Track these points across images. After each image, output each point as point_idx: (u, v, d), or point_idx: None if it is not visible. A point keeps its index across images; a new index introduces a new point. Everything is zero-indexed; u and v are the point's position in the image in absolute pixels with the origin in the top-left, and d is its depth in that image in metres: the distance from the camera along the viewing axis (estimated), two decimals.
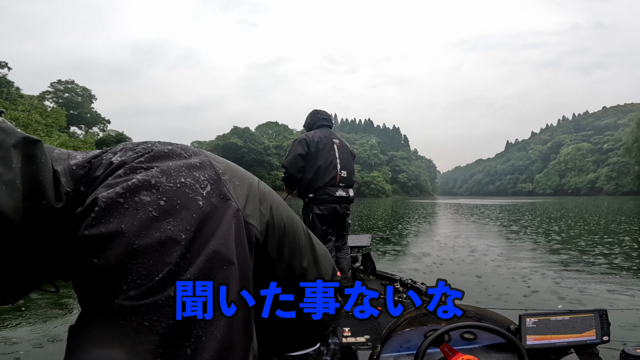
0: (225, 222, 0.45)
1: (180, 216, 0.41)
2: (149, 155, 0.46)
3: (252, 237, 0.51)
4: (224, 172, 0.51)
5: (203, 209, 0.43)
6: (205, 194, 0.44)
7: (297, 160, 3.02)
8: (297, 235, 0.67)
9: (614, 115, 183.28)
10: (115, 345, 0.35)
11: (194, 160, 0.48)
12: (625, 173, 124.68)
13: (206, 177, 0.47)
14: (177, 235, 0.40)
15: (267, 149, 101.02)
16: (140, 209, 0.39)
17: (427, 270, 6.24)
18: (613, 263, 6.56)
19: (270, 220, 0.57)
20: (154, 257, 0.38)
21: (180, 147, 0.50)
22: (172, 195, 0.42)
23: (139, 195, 0.40)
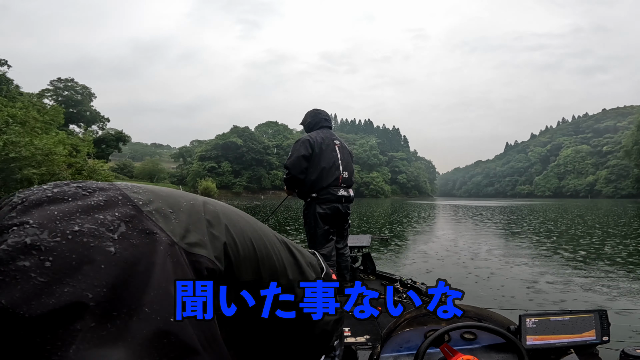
0: (157, 263, 0.38)
1: (82, 273, 0.34)
2: (22, 207, 0.37)
3: (202, 269, 0.44)
4: (148, 203, 0.44)
5: (117, 256, 0.36)
6: (118, 236, 0.37)
7: (300, 161, 3.02)
8: (271, 250, 0.59)
9: (614, 118, 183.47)
10: None
11: (95, 199, 0.40)
12: (625, 176, 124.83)
13: (117, 215, 0.39)
14: (81, 297, 0.32)
15: (266, 149, 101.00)
16: (19, 278, 0.32)
17: (427, 270, 6.23)
18: (613, 263, 6.57)
19: (229, 242, 0.50)
20: (56, 328, 0.31)
21: (76, 185, 0.42)
22: (63, 251, 0.34)
23: (15, 263, 0.32)
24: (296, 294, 0.60)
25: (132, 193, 0.44)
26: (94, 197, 0.40)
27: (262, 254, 0.55)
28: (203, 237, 0.46)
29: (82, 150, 26.65)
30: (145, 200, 0.44)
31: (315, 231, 3.07)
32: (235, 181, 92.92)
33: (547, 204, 54.40)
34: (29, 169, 17.93)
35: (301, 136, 3.19)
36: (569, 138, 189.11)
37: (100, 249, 0.35)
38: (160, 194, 0.47)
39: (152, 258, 0.38)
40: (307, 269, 0.67)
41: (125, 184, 0.46)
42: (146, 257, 0.37)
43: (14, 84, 40.49)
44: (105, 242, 0.36)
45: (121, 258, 0.36)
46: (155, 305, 0.35)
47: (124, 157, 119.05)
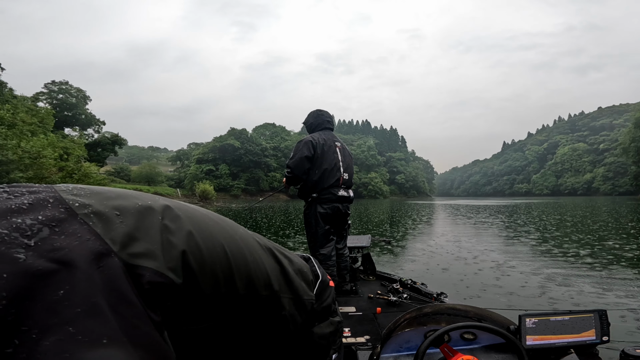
0: (81, 274, 0.32)
1: None
2: None
3: (144, 282, 0.38)
4: (87, 206, 0.39)
5: (29, 263, 0.31)
6: (36, 242, 0.32)
7: (303, 162, 3.06)
8: (252, 259, 0.53)
9: (610, 116, 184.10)
10: None
11: (18, 202, 0.36)
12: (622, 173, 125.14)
13: (40, 219, 0.34)
14: None
15: (264, 150, 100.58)
16: None
17: (427, 270, 6.20)
18: (613, 263, 6.54)
19: (191, 250, 0.43)
20: None
21: (2, 189, 0.38)
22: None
23: None
24: (282, 306, 0.55)
25: (70, 195, 0.39)
26: (18, 200, 0.36)
27: (238, 263, 0.49)
28: (153, 245, 0.40)
29: (72, 153, 26.15)
30: (84, 203, 0.39)
31: (316, 231, 3.09)
32: (233, 183, 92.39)
33: (545, 202, 54.39)
34: (16, 173, 17.53)
35: (302, 137, 3.22)
36: (566, 136, 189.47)
37: (7, 256, 0.31)
38: (107, 195, 0.42)
39: (79, 269, 0.33)
40: (295, 277, 0.60)
41: (67, 186, 0.42)
42: (70, 267, 0.32)
43: (8, 87, 39.91)
44: (16, 248, 0.31)
45: (31, 267, 0.31)
46: (82, 323, 0.30)
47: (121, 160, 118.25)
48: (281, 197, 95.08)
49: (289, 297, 0.58)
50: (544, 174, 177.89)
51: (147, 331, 0.35)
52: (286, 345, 0.57)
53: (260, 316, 0.52)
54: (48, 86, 57.49)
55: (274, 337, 0.55)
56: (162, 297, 0.39)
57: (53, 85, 57.67)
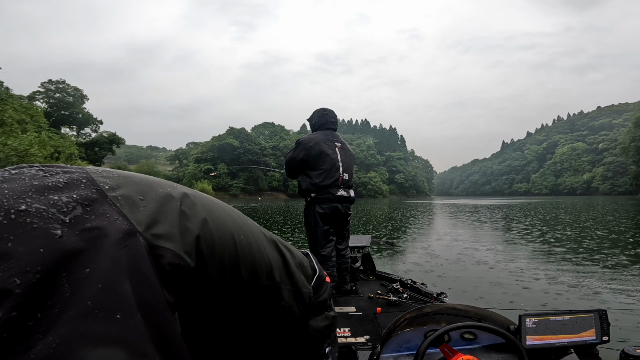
0: (109, 252, 0.34)
1: (15, 256, 0.30)
2: None
3: (165, 263, 0.39)
4: (115, 188, 0.41)
5: (64, 239, 0.32)
6: (70, 219, 0.34)
7: (293, 160, 3.12)
8: (257, 249, 0.55)
9: (609, 116, 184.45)
10: None
11: (55, 180, 0.37)
12: (621, 173, 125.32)
13: (75, 197, 0.36)
14: (6, 283, 0.29)
15: (263, 150, 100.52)
16: None
17: (427, 270, 6.17)
18: (613, 263, 6.52)
19: (204, 237, 0.46)
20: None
21: (39, 167, 0.40)
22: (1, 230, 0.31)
23: None
24: (282, 297, 0.58)
25: (100, 177, 0.41)
26: (53, 178, 0.38)
27: (245, 252, 0.52)
28: (173, 229, 0.42)
29: (64, 151, 25.86)
30: (113, 185, 0.41)
31: (315, 231, 3.09)
32: (232, 183, 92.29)
33: (544, 201, 54.38)
34: None
35: (301, 136, 3.27)
36: (565, 136, 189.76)
37: (45, 231, 0.32)
38: (132, 180, 0.45)
39: (106, 247, 0.34)
40: (295, 270, 0.63)
41: (97, 168, 0.44)
42: (98, 245, 0.34)
43: (4, 86, 39.72)
44: (53, 224, 0.33)
45: (67, 242, 0.32)
46: (100, 299, 0.31)
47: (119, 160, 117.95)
48: (280, 196, 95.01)
49: (288, 288, 0.59)
50: (543, 174, 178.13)
51: (161, 310, 0.36)
52: (283, 336, 0.59)
53: (260, 305, 0.54)
54: (45, 85, 57.31)
55: (272, 327, 0.56)
56: (177, 279, 0.40)
57: (50, 84, 57.50)
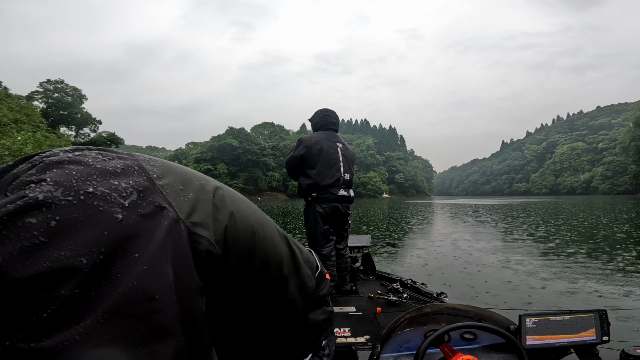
0: (157, 238, 0.37)
1: (83, 236, 0.33)
2: (43, 165, 0.37)
3: (201, 249, 0.43)
4: (161, 177, 0.44)
5: (123, 223, 0.35)
6: (129, 204, 0.37)
7: (294, 160, 3.13)
8: (272, 242, 0.59)
9: (608, 115, 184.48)
10: None
11: (113, 165, 0.40)
12: (621, 172, 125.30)
13: (131, 184, 0.39)
14: (75, 262, 0.32)
15: (262, 150, 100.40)
16: (22, 235, 0.31)
17: (427, 270, 6.16)
18: (613, 263, 6.51)
19: (230, 228, 0.50)
20: (41, 291, 0.30)
21: (99, 151, 0.43)
22: (71, 211, 0.34)
23: (23, 219, 0.32)
24: (288, 289, 0.61)
25: (148, 165, 0.44)
26: (112, 163, 0.40)
27: (261, 245, 0.55)
28: (207, 218, 0.46)
29: None
30: (159, 174, 0.44)
31: (315, 230, 3.09)
32: (231, 183, 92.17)
33: (544, 201, 54.36)
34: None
35: (301, 136, 3.31)
36: (564, 135, 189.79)
37: (108, 214, 0.35)
38: (174, 170, 0.48)
39: (155, 231, 0.37)
40: (303, 265, 0.67)
41: (143, 156, 0.46)
42: (149, 230, 0.37)
43: (2, 86, 39.62)
44: (114, 207, 0.35)
45: (126, 226, 0.35)
46: (144, 279, 0.34)
47: None
48: (280, 196, 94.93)
49: (295, 282, 0.63)
50: (543, 173, 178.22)
51: (193, 294, 0.39)
52: (285, 325, 0.63)
53: (268, 294, 0.58)
54: (43, 85, 57.19)
55: (277, 316, 0.60)
56: (208, 265, 0.44)
57: (48, 84, 57.37)
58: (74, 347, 0.29)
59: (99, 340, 0.30)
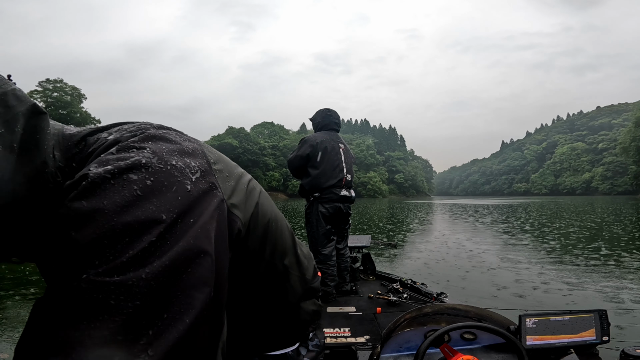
0: (209, 210, 0.45)
1: (166, 197, 0.41)
2: (143, 136, 0.47)
3: (235, 228, 0.52)
4: (216, 162, 0.53)
5: (190, 193, 0.43)
6: (194, 179, 0.45)
7: (299, 160, 3.11)
8: (280, 235, 0.69)
9: (608, 115, 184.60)
10: (79, 322, 0.35)
11: (187, 146, 0.49)
12: (621, 172, 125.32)
13: (197, 164, 0.47)
14: (158, 216, 0.40)
15: (262, 149, 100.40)
16: (126, 187, 0.39)
17: (427, 270, 6.16)
18: (613, 263, 6.52)
19: (254, 216, 0.59)
20: (131, 235, 0.38)
21: (175, 132, 0.52)
22: (161, 176, 0.42)
23: (128, 174, 0.40)
24: (289, 279, 0.70)
25: (207, 151, 0.53)
26: (186, 144, 0.49)
27: (273, 235, 0.65)
28: (241, 203, 0.55)
29: None
30: (214, 160, 0.53)
31: (317, 230, 3.09)
32: None
33: (543, 201, 54.37)
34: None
35: (301, 136, 3.34)
36: (564, 136, 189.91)
37: (182, 184, 0.43)
38: (223, 159, 0.58)
39: (208, 204, 0.45)
40: (302, 259, 0.76)
41: (202, 143, 0.56)
42: (205, 202, 0.45)
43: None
44: (186, 180, 0.44)
45: (191, 196, 0.43)
46: (197, 239, 0.42)
47: None
48: (280, 196, 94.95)
49: (296, 274, 0.73)
50: (543, 174, 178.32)
51: (224, 260, 0.47)
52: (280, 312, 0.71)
53: (271, 280, 0.67)
54: (42, 84, 57.20)
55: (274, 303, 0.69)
56: (236, 243, 0.53)
57: (47, 83, 57.39)
58: (138, 284, 0.36)
59: (157, 282, 0.37)
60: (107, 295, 0.35)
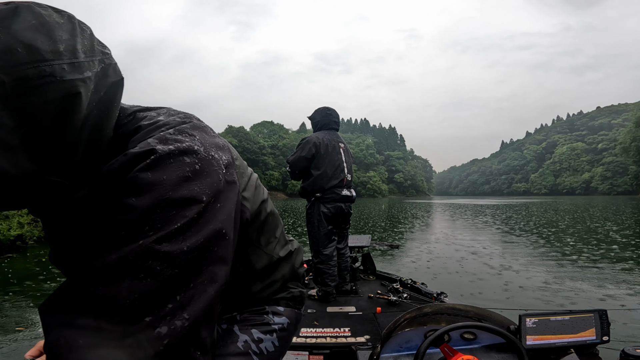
0: (232, 199, 0.53)
1: (206, 182, 0.48)
2: (192, 124, 0.54)
3: (244, 217, 0.63)
4: (237, 159, 0.63)
5: (221, 181, 0.51)
6: (224, 170, 0.53)
7: (301, 161, 3.09)
8: (277, 229, 0.80)
9: (608, 116, 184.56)
10: (124, 279, 0.40)
11: (219, 141, 0.56)
12: (620, 173, 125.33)
13: (226, 157, 0.55)
14: (200, 197, 0.47)
15: (262, 149, 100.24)
16: (181, 167, 0.46)
17: (427, 270, 6.17)
18: (613, 263, 6.51)
19: (257, 209, 0.70)
20: (178, 209, 0.44)
21: (209, 127, 0.59)
22: (205, 163, 0.49)
23: (183, 156, 0.47)
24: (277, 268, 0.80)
25: (231, 148, 0.62)
26: (217, 139, 0.57)
27: (270, 228, 0.77)
28: (250, 196, 0.67)
29: None
30: (235, 157, 0.61)
31: (318, 230, 3.08)
32: None
33: (543, 201, 54.35)
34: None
35: (300, 135, 3.31)
36: (564, 136, 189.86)
37: (217, 173, 0.51)
38: (239, 157, 0.68)
39: (231, 193, 0.53)
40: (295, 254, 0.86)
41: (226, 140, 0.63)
42: (229, 191, 0.53)
43: None
44: (219, 169, 0.51)
45: (222, 184, 0.51)
46: (224, 222, 0.50)
47: None
48: (279, 195, 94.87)
49: (289, 265, 0.83)
50: (542, 173, 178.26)
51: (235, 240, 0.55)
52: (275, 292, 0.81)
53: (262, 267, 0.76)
54: None
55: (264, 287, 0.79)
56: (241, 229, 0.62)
57: None
58: (179, 256, 0.43)
59: (192, 255, 0.44)
60: (154, 261, 0.41)
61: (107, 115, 0.48)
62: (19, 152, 0.38)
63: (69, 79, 0.40)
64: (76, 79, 0.41)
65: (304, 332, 2.30)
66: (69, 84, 0.40)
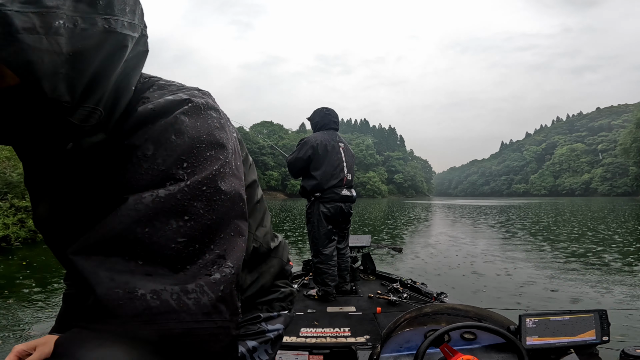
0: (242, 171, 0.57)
1: (228, 134, 0.55)
2: (204, 92, 0.58)
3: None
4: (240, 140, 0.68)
5: (234, 142, 0.57)
6: (235, 135, 0.60)
7: (299, 161, 3.09)
8: (265, 218, 0.81)
9: (608, 117, 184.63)
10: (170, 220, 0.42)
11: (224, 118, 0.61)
12: (620, 174, 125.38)
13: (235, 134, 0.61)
14: (227, 143, 0.53)
15: (261, 149, 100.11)
16: (209, 118, 0.52)
17: (427, 270, 6.16)
18: (613, 263, 6.52)
19: (250, 187, 0.72)
20: (210, 151, 0.49)
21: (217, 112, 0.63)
22: (226, 121, 0.56)
23: (212, 111, 0.54)
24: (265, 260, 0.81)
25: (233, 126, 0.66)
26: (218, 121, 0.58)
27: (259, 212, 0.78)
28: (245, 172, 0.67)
29: None
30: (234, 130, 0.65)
31: (318, 230, 3.08)
32: None
33: (543, 202, 54.39)
34: None
35: (300, 135, 3.28)
36: (564, 136, 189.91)
37: (233, 134, 0.58)
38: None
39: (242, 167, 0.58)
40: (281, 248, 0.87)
41: None
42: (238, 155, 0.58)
43: None
44: (233, 133, 0.58)
45: (235, 142, 0.58)
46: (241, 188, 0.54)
47: None
48: (279, 195, 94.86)
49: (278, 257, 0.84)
50: (542, 174, 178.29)
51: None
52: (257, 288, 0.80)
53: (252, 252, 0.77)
54: None
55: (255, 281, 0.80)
56: None
57: None
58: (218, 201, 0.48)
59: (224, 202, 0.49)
60: (199, 203, 0.44)
61: (132, 74, 0.51)
62: (61, 80, 0.40)
63: (124, 34, 0.44)
64: (128, 35, 0.45)
65: (304, 332, 2.30)
66: (123, 37, 0.44)
